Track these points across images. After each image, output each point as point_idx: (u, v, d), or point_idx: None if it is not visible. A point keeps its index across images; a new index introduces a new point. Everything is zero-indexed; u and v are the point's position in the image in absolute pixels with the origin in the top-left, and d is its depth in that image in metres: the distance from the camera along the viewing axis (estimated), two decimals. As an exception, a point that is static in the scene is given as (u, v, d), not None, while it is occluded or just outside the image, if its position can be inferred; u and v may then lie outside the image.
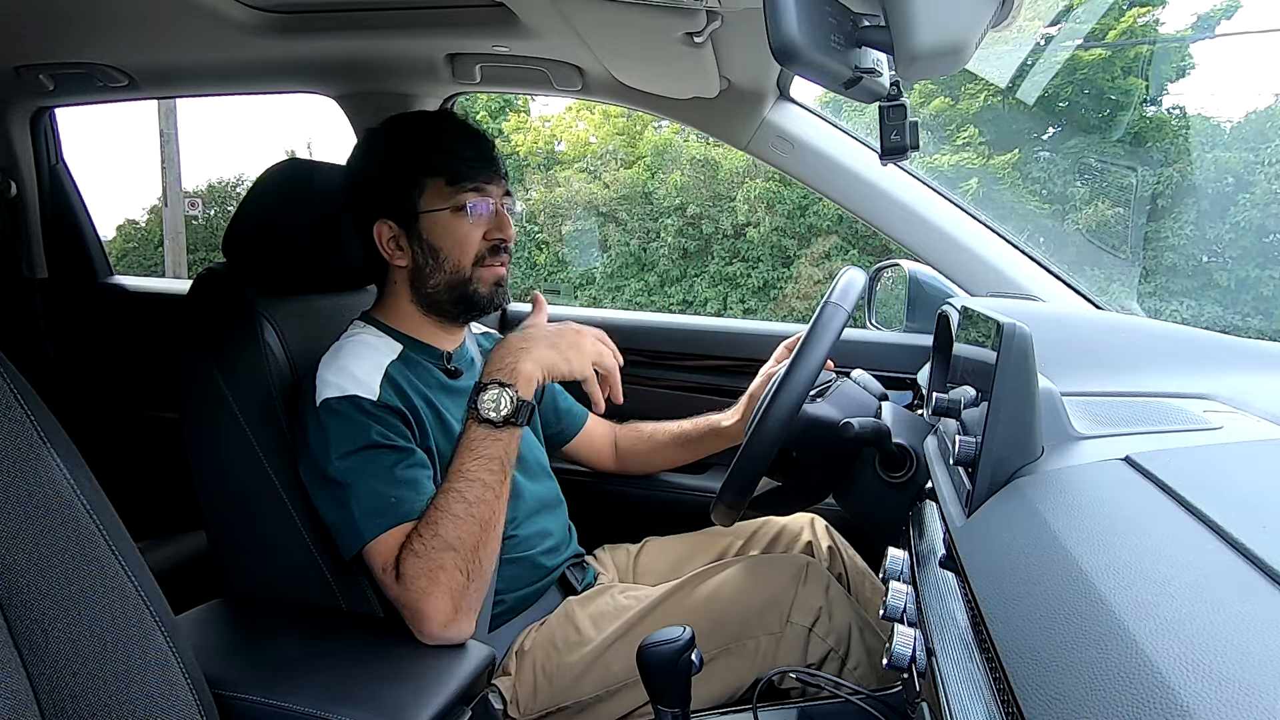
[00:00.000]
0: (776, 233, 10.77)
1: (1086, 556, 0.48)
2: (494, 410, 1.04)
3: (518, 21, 1.35)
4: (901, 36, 0.69)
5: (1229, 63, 11.43)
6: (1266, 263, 9.00)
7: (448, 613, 0.98)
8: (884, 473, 1.10)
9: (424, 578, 0.98)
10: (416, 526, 1.01)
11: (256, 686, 0.89)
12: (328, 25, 1.48)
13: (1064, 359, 0.94)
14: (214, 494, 1.13)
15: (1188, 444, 0.68)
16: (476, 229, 1.15)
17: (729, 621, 1.11)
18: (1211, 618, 0.39)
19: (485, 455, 1.03)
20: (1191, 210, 9.28)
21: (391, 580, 0.99)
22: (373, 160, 1.16)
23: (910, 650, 0.69)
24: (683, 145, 11.53)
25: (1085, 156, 9.66)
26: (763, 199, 10.73)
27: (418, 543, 0.99)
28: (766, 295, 10.88)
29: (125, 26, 1.50)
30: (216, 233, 11.54)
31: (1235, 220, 9.06)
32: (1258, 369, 1.02)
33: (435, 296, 1.17)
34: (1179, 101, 10.12)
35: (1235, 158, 9.38)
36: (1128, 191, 9.40)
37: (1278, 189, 9.03)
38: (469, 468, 1.02)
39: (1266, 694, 0.32)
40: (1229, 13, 9.61)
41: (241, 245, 1.18)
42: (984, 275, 1.52)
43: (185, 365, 1.12)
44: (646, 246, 11.31)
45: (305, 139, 12.98)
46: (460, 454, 1.04)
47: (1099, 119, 9.79)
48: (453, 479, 1.02)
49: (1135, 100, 9.64)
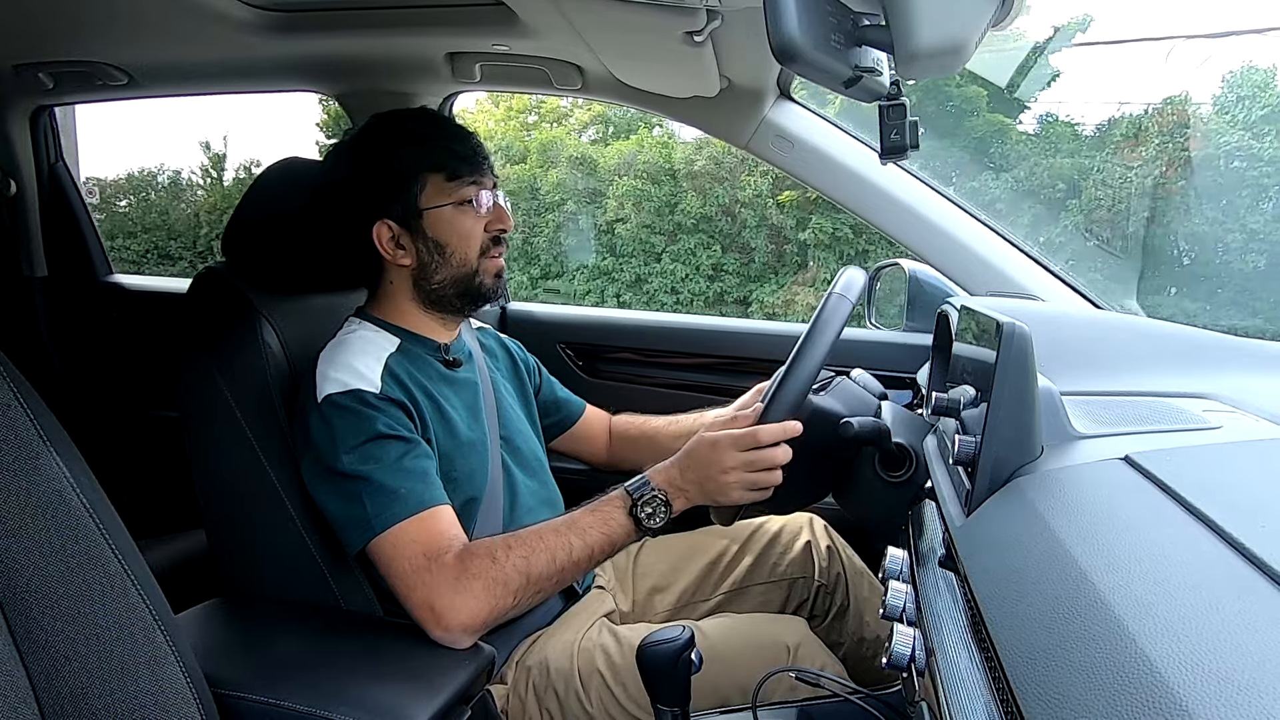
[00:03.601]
0: (645, 229, 11.02)
1: (1086, 556, 0.48)
2: (648, 519, 1.04)
3: (518, 20, 1.35)
4: (902, 36, 0.69)
5: (1087, 72, 11.67)
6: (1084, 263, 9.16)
7: (479, 623, 0.98)
8: (884, 472, 1.10)
9: (486, 584, 0.98)
10: (507, 539, 1.02)
11: (256, 685, 0.89)
12: (328, 24, 1.48)
13: (1063, 358, 0.94)
14: (213, 493, 1.13)
15: (1187, 444, 0.68)
16: (479, 222, 1.16)
17: (720, 680, 1.10)
18: (1210, 617, 0.39)
19: (610, 536, 1.04)
20: (1027, 215, 9.45)
21: (414, 570, 0.98)
22: (365, 162, 1.15)
23: (909, 649, 0.69)
24: (565, 143, 11.79)
25: (928, 163, 9.86)
26: (630, 196, 10.98)
27: (502, 553, 1.00)
28: (640, 289, 11.05)
29: (125, 25, 1.50)
30: (138, 221, 12.17)
31: (1065, 224, 9.19)
32: (1257, 369, 1.02)
33: (440, 292, 1.17)
34: (1034, 109, 10.40)
35: (1070, 164, 9.55)
36: (971, 196, 9.59)
37: (1100, 195, 9.14)
38: (591, 534, 1.03)
39: (1265, 693, 0.32)
40: (1083, 25, 9.92)
41: (241, 244, 1.18)
42: (984, 274, 1.53)
43: (184, 364, 1.12)
44: (531, 240, 11.53)
45: (221, 132, 13.13)
46: (592, 516, 1.05)
47: (948, 126, 9.98)
48: (570, 530, 1.03)
49: (981, 107, 9.85)
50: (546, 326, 1.90)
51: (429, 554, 0.99)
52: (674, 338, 1.82)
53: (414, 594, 0.99)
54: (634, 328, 1.87)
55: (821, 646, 1.17)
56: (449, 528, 1.03)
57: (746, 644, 1.13)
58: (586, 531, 1.03)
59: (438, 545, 1.00)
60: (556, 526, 1.04)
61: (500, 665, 1.16)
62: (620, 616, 1.30)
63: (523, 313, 1.94)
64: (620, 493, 1.06)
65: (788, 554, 1.34)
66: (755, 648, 1.12)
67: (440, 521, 1.02)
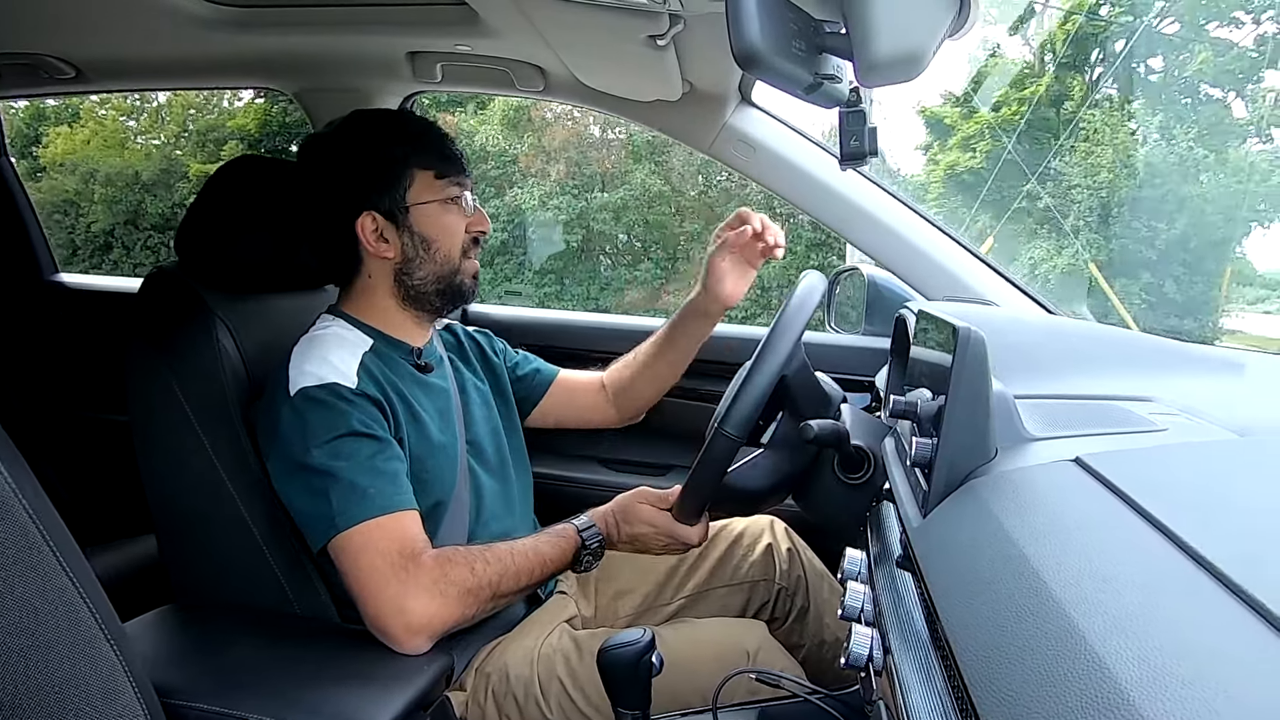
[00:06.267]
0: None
1: (1037, 555, 0.49)
2: (586, 567, 1.17)
3: (480, 21, 1.34)
4: (861, 44, 0.70)
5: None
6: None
7: (444, 629, 1.00)
8: (843, 474, 1.11)
9: (462, 593, 1.00)
10: (484, 554, 1.05)
11: (207, 694, 0.87)
12: (287, 21, 1.46)
13: (1017, 362, 0.96)
14: (164, 496, 1.10)
15: (1134, 445, 0.70)
16: (463, 221, 1.17)
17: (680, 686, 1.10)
18: (1156, 614, 0.40)
19: (560, 568, 1.14)
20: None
21: (387, 567, 0.97)
22: (353, 154, 1.14)
23: (867, 649, 0.69)
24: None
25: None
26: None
27: (480, 565, 1.03)
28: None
29: (72, 17, 1.46)
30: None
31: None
32: (1197, 371, 1.06)
33: (421, 289, 1.17)
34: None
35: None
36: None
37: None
38: (549, 567, 1.12)
39: (1208, 687, 0.33)
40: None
41: (194, 243, 1.16)
42: (940, 280, 1.55)
43: (135, 365, 1.10)
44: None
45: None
46: (552, 548, 1.12)
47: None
48: (536, 559, 1.10)
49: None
50: (507, 328, 1.89)
51: (404, 553, 0.99)
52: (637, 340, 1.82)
53: (384, 591, 0.97)
54: (597, 330, 1.87)
55: (781, 650, 1.18)
56: (418, 532, 1.02)
57: (706, 649, 1.14)
58: (547, 562, 1.11)
59: (411, 546, 0.99)
60: (526, 551, 1.09)
61: (460, 672, 1.15)
62: (582, 622, 1.29)
63: (483, 315, 1.92)
64: (574, 535, 1.15)
65: (749, 557, 1.34)
66: (715, 653, 1.13)
67: (408, 525, 1.01)
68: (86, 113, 12.18)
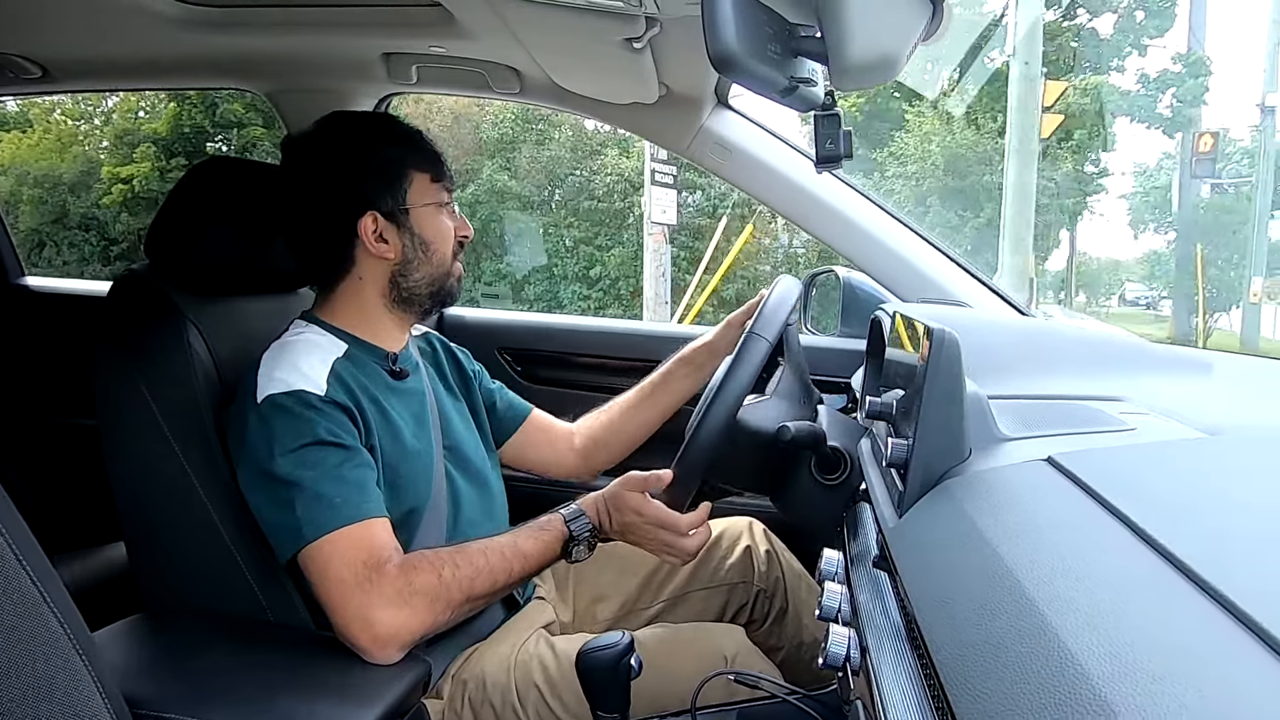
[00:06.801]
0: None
1: (1011, 554, 0.50)
2: (576, 557, 1.12)
3: (455, 22, 1.34)
4: (836, 48, 0.70)
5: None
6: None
7: (414, 638, 0.97)
8: (819, 475, 1.12)
9: (429, 600, 0.97)
10: (453, 555, 1.02)
11: (178, 704, 0.85)
12: (260, 21, 1.44)
13: (990, 363, 0.97)
14: (134, 503, 1.08)
15: (1105, 445, 0.71)
16: (453, 225, 1.19)
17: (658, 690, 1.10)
18: (1127, 611, 0.41)
19: (544, 564, 1.10)
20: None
21: (352, 578, 0.95)
22: (354, 154, 1.13)
23: (845, 649, 0.70)
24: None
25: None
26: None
27: (449, 569, 1.00)
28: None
29: (38, 15, 1.43)
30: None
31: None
32: (1167, 371, 1.07)
33: (416, 290, 1.17)
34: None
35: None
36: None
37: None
38: (530, 561, 1.08)
39: (1178, 682, 0.34)
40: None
41: (165, 245, 1.14)
42: (915, 282, 1.56)
43: (104, 370, 1.08)
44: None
45: None
46: (533, 541, 1.08)
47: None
48: (513, 554, 1.06)
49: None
50: (485, 331, 1.88)
51: (369, 564, 0.96)
52: (615, 343, 1.82)
53: (349, 603, 0.95)
54: (574, 332, 1.86)
55: (759, 654, 1.18)
56: (387, 540, 1.00)
57: (684, 654, 1.13)
58: (528, 557, 1.07)
59: (378, 556, 0.97)
60: (501, 549, 1.05)
61: (436, 679, 1.14)
62: (561, 627, 1.29)
63: (460, 318, 1.91)
64: (559, 526, 1.11)
65: (727, 559, 1.35)
66: (693, 657, 1.12)
67: (376, 534, 1.00)
68: (38, 118, 12.12)
